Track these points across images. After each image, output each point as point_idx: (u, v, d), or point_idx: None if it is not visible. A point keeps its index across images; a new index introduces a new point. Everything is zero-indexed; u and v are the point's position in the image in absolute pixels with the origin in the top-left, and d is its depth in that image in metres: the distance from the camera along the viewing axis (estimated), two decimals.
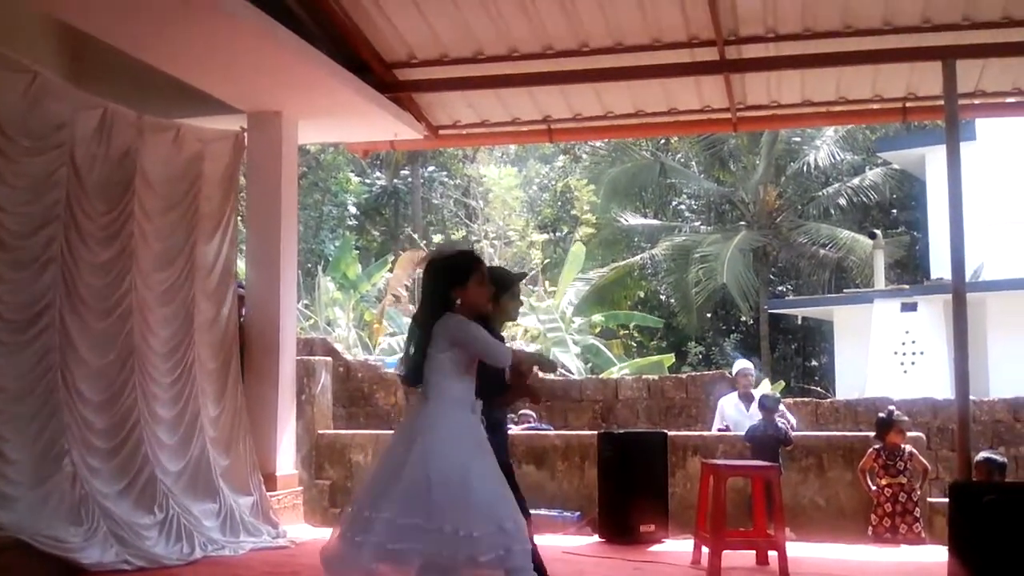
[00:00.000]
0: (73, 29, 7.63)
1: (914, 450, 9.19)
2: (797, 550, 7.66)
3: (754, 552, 7.44)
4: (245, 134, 9.03)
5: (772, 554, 7.19)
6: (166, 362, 7.86)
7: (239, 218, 9.79)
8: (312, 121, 9.44)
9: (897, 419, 9.16)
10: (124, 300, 7.45)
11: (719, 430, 10.88)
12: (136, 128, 7.74)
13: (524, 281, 5.08)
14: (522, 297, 4.82)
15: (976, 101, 9.58)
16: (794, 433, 10.09)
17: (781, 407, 10.50)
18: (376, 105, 9.18)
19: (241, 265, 10.24)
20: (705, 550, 7.23)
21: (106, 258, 7.37)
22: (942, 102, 7.80)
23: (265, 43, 7.65)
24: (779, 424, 9.81)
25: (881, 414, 9.38)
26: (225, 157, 8.77)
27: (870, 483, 9.11)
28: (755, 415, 10.16)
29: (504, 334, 4.86)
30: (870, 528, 9.00)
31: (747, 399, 10.78)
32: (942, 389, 15.49)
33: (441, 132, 10.43)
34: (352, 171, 29.96)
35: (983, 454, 8.73)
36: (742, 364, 11.52)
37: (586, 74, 9.23)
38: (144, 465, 7.29)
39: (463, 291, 4.45)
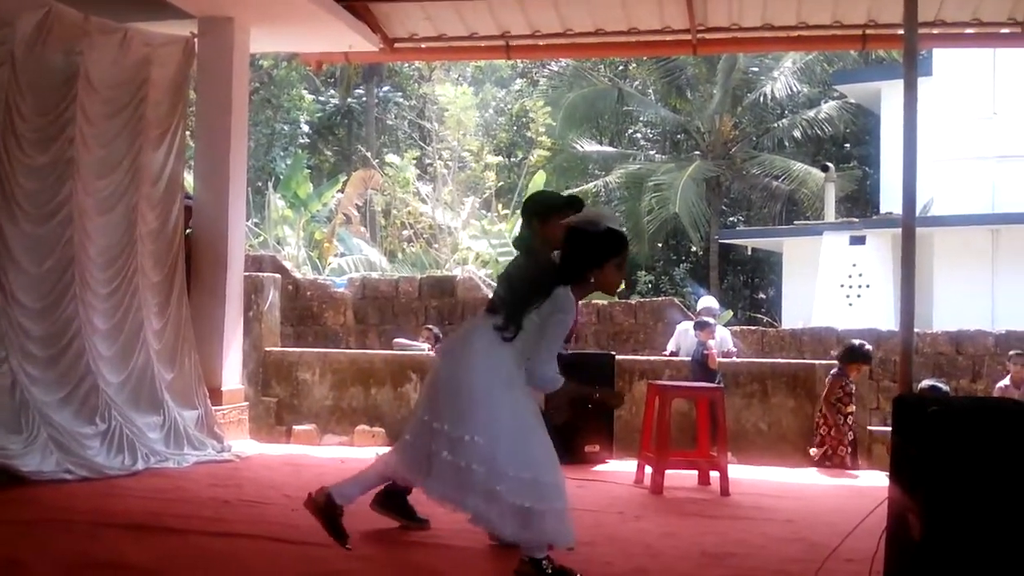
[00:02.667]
0: None
1: None
2: (739, 472, 7.77)
3: (696, 473, 7.52)
4: (195, 40, 8.79)
5: (714, 475, 7.29)
6: (105, 271, 7.67)
7: (188, 132, 9.58)
8: (264, 29, 9.19)
9: (870, 353, 9.22)
10: (63, 206, 7.25)
11: (671, 352, 10.97)
12: (81, 29, 7.47)
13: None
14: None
15: (935, 31, 9.53)
16: (735, 359, 10.20)
17: (719, 332, 10.61)
18: (330, 13, 8.95)
19: (189, 178, 10.04)
20: (648, 469, 7.31)
21: (43, 162, 7.15)
22: (901, 31, 7.76)
23: None
24: (708, 344, 9.92)
25: (856, 342, 9.38)
26: (174, 63, 8.52)
27: (829, 413, 9.02)
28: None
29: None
30: (830, 456, 8.90)
31: None
32: (886, 322, 15.70)
33: (397, 45, 10.20)
34: (305, 88, 29.50)
35: (927, 382, 8.86)
36: (707, 301, 11.62)
37: None
38: (86, 375, 7.17)
39: (599, 271, 4.37)
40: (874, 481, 7.56)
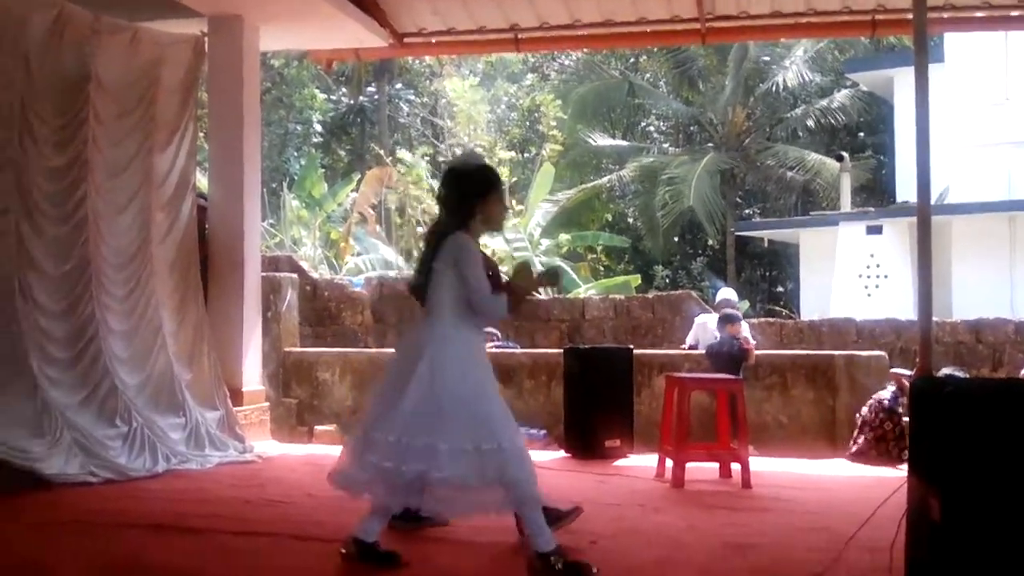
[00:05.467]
0: None
1: None
2: (760, 464, 7.75)
3: (717, 465, 7.49)
4: (205, 39, 8.80)
5: (735, 467, 7.26)
6: (120, 273, 7.70)
7: (202, 133, 9.59)
8: (274, 26, 9.20)
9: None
10: (79, 208, 7.30)
11: (689, 346, 10.92)
12: (92, 29, 7.52)
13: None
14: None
15: (945, 15, 9.44)
16: (756, 351, 10.13)
17: (744, 325, 10.54)
18: (339, 9, 8.95)
19: (204, 179, 10.05)
20: (669, 463, 7.28)
21: (60, 163, 7.21)
22: (911, 16, 7.71)
23: None
24: (738, 339, 9.84)
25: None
26: (184, 62, 8.55)
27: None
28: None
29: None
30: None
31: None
32: (905, 311, 15.61)
33: (406, 40, 10.20)
34: (317, 87, 29.50)
35: (945, 370, 8.82)
36: (725, 293, 11.48)
37: None
38: (104, 376, 7.20)
39: (484, 204, 4.41)
40: (899, 471, 7.52)
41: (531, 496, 4.25)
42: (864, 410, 9.05)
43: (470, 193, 4.40)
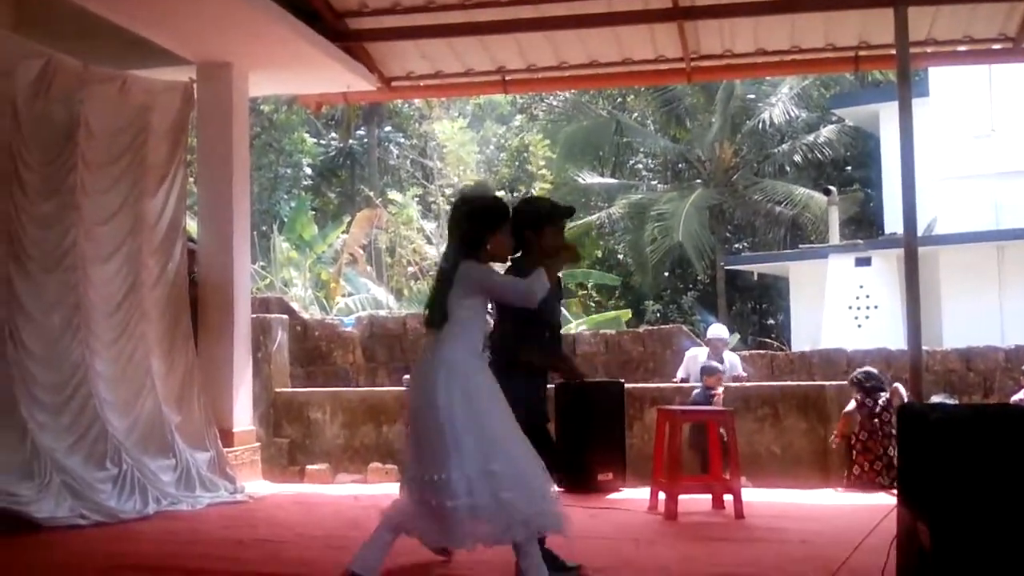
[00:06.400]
0: None
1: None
2: (753, 494, 7.74)
3: (710, 496, 7.49)
4: (194, 85, 8.88)
5: (728, 498, 7.25)
6: (109, 318, 7.70)
7: (192, 178, 9.64)
8: (263, 72, 9.29)
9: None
10: (68, 253, 7.32)
11: (681, 379, 10.92)
12: (80, 78, 7.56)
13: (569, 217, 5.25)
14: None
15: (928, 49, 9.58)
16: (747, 383, 10.13)
17: (728, 357, 10.56)
18: (328, 55, 9.05)
19: (193, 224, 10.09)
20: (662, 496, 7.28)
21: (48, 210, 7.25)
22: (894, 51, 7.81)
23: None
24: (712, 391, 9.79)
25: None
26: (173, 109, 8.60)
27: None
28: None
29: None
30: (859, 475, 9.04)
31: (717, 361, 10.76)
32: (896, 341, 15.61)
33: (394, 83, 10.31)
34: (307, 132, 29.64)
35: (935, 398, 8.84)
36: (716, 331, 11.45)
37: (538, 22, 9.11)
38: (94, 420, 7.19)
39: (494, 237, 4.44)
40: (892, 498, 7.52)
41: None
42: (863, 434, 9.01)
43: (483, 225, 4.43)
